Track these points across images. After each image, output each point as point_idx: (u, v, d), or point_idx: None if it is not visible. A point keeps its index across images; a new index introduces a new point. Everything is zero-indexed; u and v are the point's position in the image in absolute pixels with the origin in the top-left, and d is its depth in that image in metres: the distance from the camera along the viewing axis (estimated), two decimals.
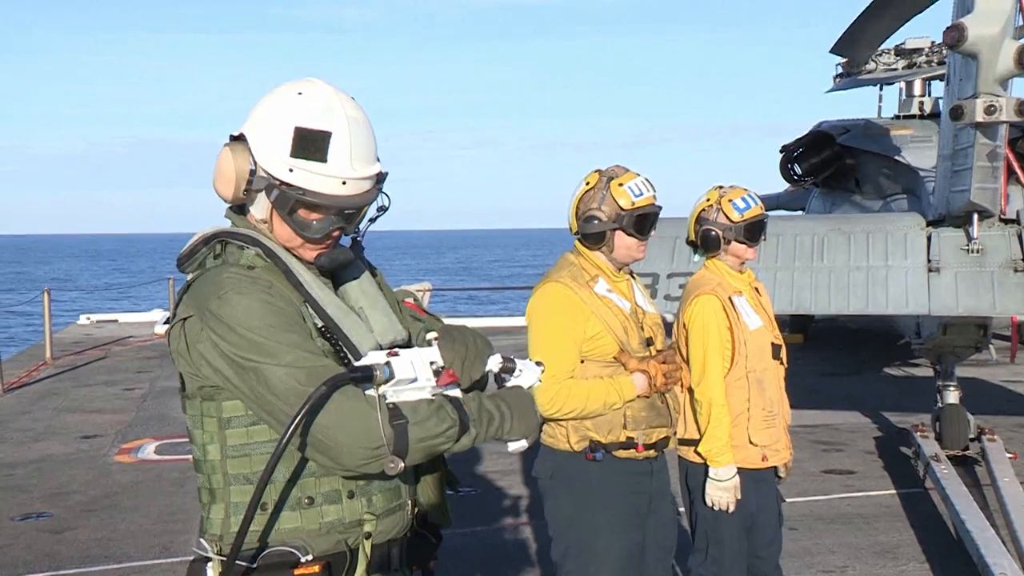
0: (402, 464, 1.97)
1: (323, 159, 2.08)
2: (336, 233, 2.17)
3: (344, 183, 2.10)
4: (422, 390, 2.01)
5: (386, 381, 1.95)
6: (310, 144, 2.08)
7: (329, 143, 2.09)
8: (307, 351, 2.03)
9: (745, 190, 4.10)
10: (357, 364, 1.97)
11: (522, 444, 2.23)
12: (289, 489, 2.09)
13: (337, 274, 2.27)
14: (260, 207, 2.17)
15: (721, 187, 4.14)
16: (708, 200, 4.10)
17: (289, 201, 2.10)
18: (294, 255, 2.19)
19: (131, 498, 7.52)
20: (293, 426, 1.88)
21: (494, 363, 2.24)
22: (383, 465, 1.97)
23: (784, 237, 7.46)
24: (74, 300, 32.19)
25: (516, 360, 2.26)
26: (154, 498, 7.49)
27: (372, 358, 1.99)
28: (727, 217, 4.03)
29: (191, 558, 2.21)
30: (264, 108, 2.16)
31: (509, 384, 2.26)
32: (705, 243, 4.07)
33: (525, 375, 2.26)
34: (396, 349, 2.03)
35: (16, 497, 7.60)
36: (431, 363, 2.02)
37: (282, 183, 2.10)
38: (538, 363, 2.29)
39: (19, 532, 6.72)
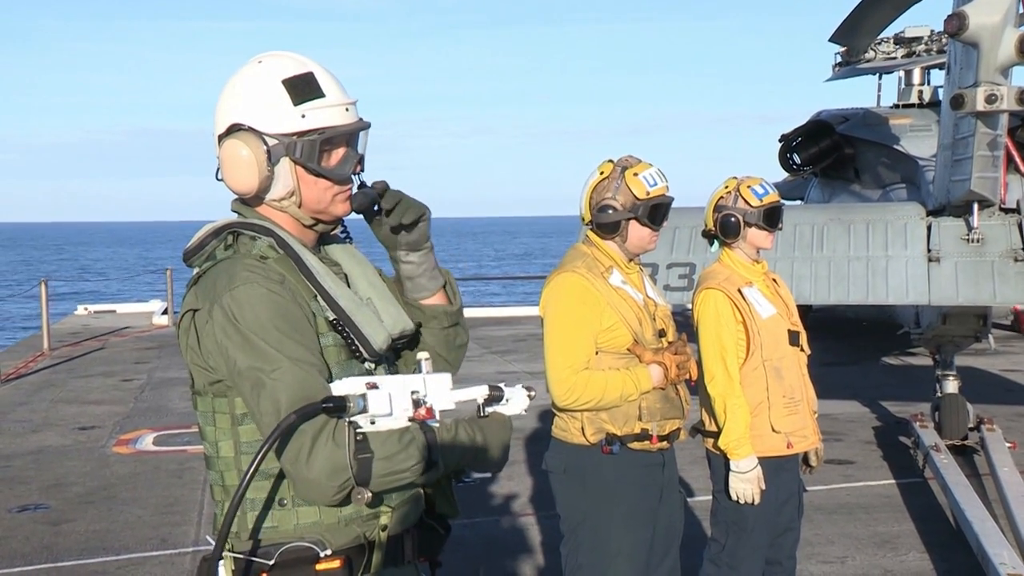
0: (370, 495, 1.97)
1: (322, 94, 2.14)
2: (357, 169, 2.20)
3: (347, 109, 2.16)
4: (397, 420, 1.97)
5: (359, 413, 1.91)
6: (304, 86, 2.13)
7: (316, 79, 2.15)
8: (303, 361, 2.01)
9: (761, 179, 4.13)
10: (332, 395, 1.92)
11: (486, 475, 2.22)
12: None
13: (345, 266, 2.27)
14: (281, 182, 2.15)
15: (736, 177, 4.15)
16: (726, 188, 4.12)
17: (315, 147, 2.12)
18: (317, 224, 2.20)
19: (129, 490, 7.51)
20: (259, 458, 1.85)
21: (479, 393, 2.13)
22: (351, 496, 1.97)
23: (783, 227, 7.43)
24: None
25: (505, 388, 2.17)
26: (152, 489, 7.48)
27: (350, 387, 1.93)
28: (746, 203, 4.04)
29: (189, 550, 2.19)
30: (238, 91, 2.16)
31: (498, 409, 2.18)
32: (724, 230, 4.07)
33: (513, 402, 2.18)
34: (377, 380, 1.95)
35: (13, 489, 7.58)
36: (412, 392, 1.97)
37: (300, 134, 2.12)
38: (528, 389, 2.20)
39: (16, 524, 6.70)
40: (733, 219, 4.05)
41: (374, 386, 1.92)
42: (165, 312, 18.79)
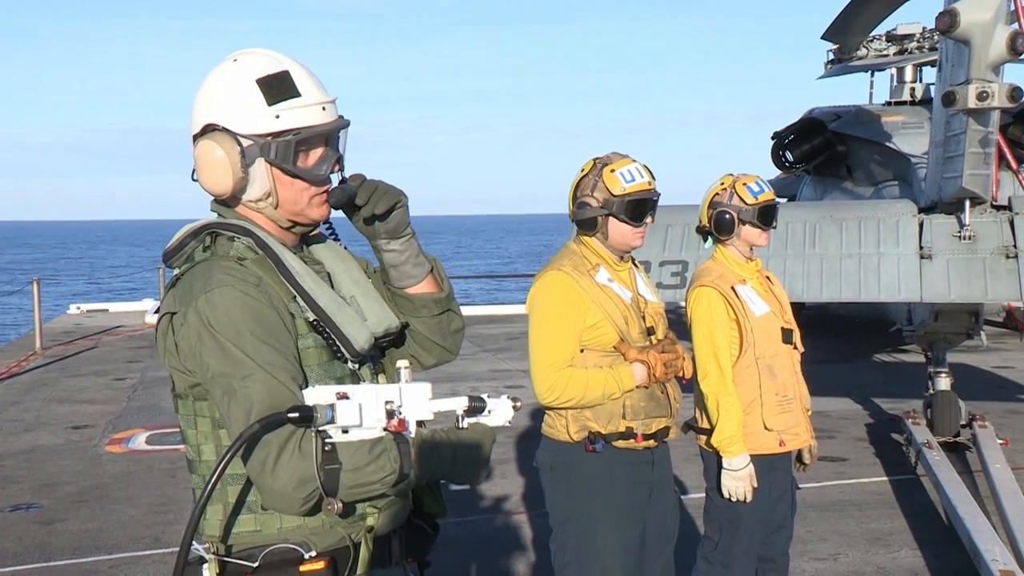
0: (341, 505, 1.94)
1: (297, 93, 2.10)
2: (336, 168, 2.17)
3: (324, 108, 2.12)
4: (371, 431, 1.91)
5: (327, 423, 1.85)
6: (279, 85, 2.09)
7: (292, 78, 2.11)
8: (276, 367, 1.98)
9: (757, 176, 4.13)
10: (298, 405, 1.86)
11: (464, 486, 2.18)
12: None
13: (328, 264, 2.25)
14: (257, 183, 2.12)
15: (732, 174, 4.15)
16: (722, 184, 4.12)
17: (290, 147, 2.09)
18: (295, 226, 2.17)
19: (122, 489, 7.49)
20: (220, 467, 1.79)
21: (459, 404, 2.05)
22: (321, 507, 1.94)
23: (776, 224, 7.44)
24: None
25: (488, 399, 2.09)
26: (145, 489, 7.47)
27: (320, 396, 1.87)
28: (742, 200, 4.04)
29: None
30: (213, 91, 2.13)
31: (480, 420, 2.09)
32: (719, 226, 4.07)
33: (496, 414, 2.10)
34: (350, 390, 1.88)
35: (6, 488, 7.56)
36: (387, 402, 1.89)
37: (274, 135, 2.09)
38: (513, 400, 2.12)
39: (9, 523, 6.69)
40: (728, 216, 4.05)
41: (345, 396, 1.86)
42: (158, 311, 18.71)
